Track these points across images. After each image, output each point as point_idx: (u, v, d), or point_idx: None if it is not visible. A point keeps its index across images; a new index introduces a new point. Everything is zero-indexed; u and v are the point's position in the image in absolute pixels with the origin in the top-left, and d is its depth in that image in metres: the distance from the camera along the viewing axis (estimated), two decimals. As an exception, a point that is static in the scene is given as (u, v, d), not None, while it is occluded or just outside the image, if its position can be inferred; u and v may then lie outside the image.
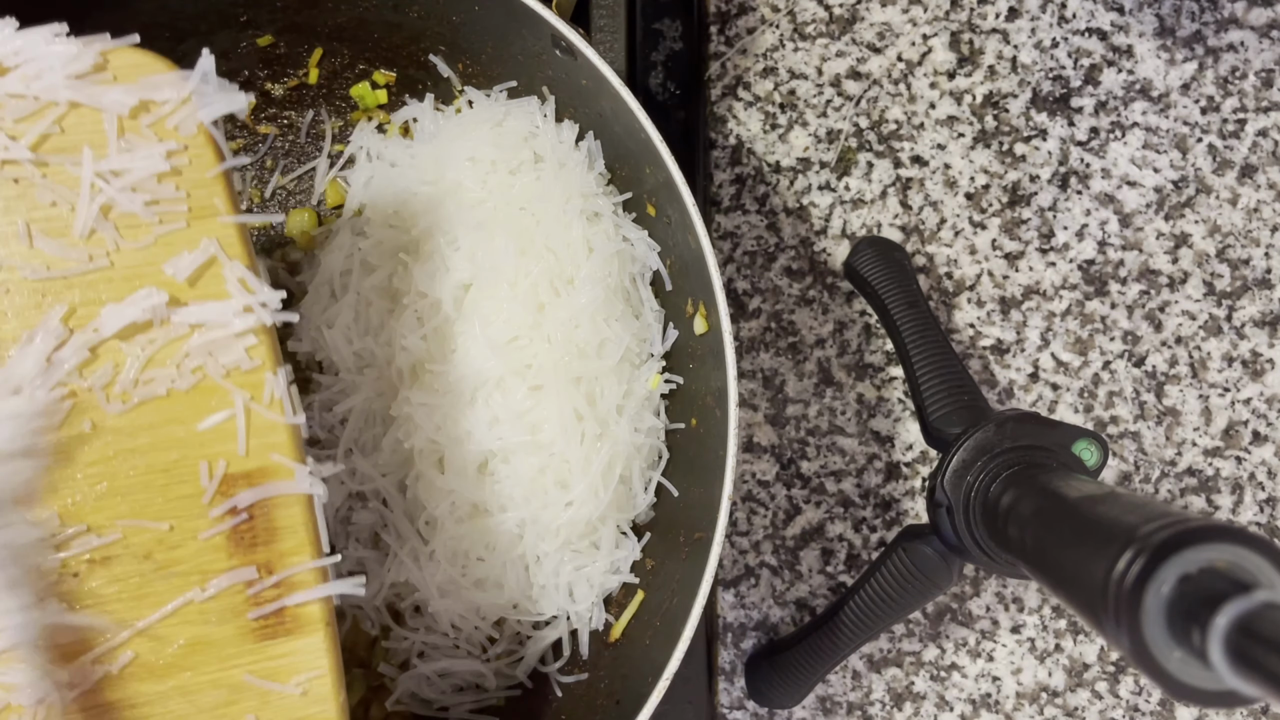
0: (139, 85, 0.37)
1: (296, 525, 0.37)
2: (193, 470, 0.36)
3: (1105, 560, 0.29)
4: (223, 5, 0.53)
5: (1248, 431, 0.59)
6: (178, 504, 0.36)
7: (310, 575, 0.37)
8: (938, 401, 0.51)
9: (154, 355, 0.36)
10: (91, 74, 0.36)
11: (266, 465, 0.37)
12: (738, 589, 0.60)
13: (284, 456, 0.37)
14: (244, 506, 0.36)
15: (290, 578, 0.36)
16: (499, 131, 0.51)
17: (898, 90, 0.61)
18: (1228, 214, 0.60)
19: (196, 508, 0.36)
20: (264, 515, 0.37)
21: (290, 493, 0.37)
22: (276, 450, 0.37)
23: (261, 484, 0.37)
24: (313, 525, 0.37)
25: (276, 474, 0.37)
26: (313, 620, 0.37)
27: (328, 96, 0.56)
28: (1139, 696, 0.58)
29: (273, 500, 0.37)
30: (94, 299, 0.36)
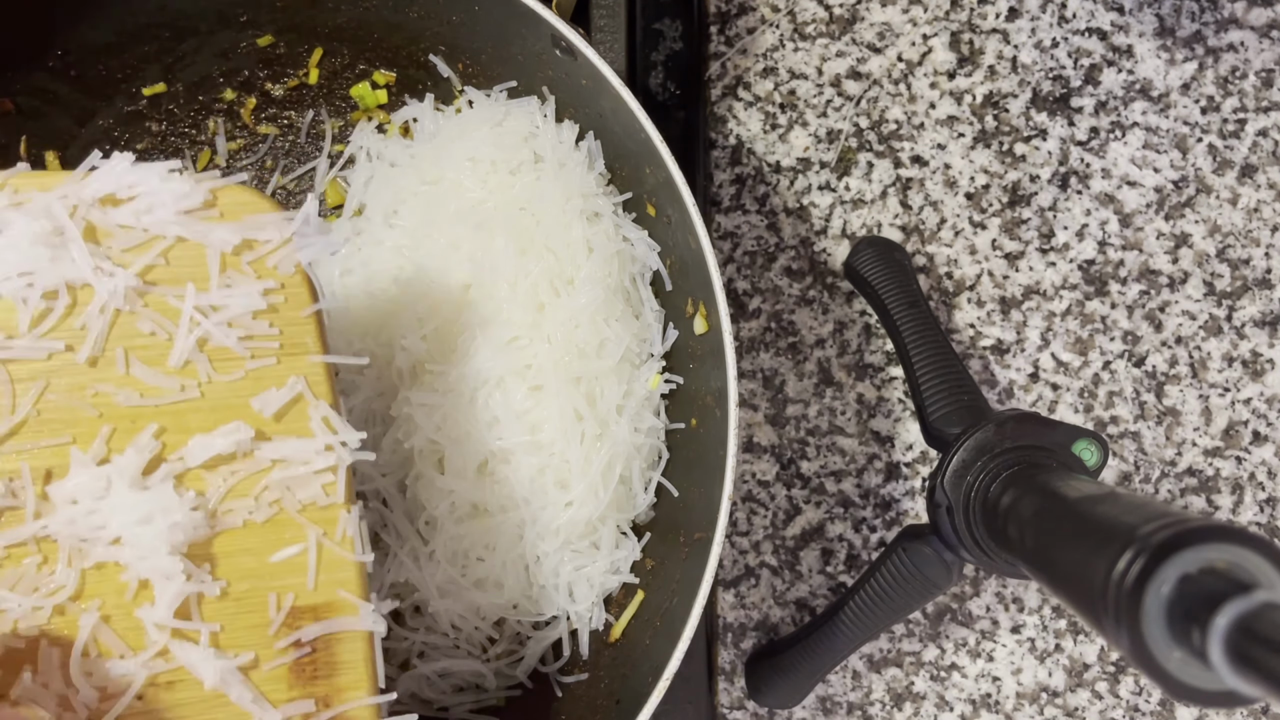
0: (243, 224, 0.38)
1: (357, 661, 0.37)
2: (261, 600, 0.37)
3: (1105, 560, 0.29)
4: (223, 5, 0.53)
5: (1248, 431, 0.59)
6: (244, 633, 0.37)
7: (366, 712, 0.37)
8: (938, 401, 0.51)
9: (234, 486, 0.37)
10: (200, 210, 0.37)
11: (333, 600, 0.37)
12: (738, 589, 0.59)
13: (350, 593, 0.38)
14: (308, 640, 0.37)
15: (346, 713, 0.37)
16: (499, 131, 0.51)
17: (898, 90, 0.61)
18: (1228, 214, 0.60)
19: (262, 638, 0.37)
20: (326, 649, 0.37)
21: (354, 629, 0.37)
22: (343, 586, 0.38)
23: (327, 619, 0.37)
24: (372, 661, 0.38)
25: (342, 610, 0.37)
26: None
27: (328, 96, 0.56)
28: (1139, 696, 0.58)
29: (335, 635, 0.37)
30: (183, 427, 0.37)
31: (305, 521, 0.37)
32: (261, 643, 0.37)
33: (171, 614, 0.35)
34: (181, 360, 0.37)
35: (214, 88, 0.55)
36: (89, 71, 0.53)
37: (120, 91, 0.54)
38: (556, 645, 0.51)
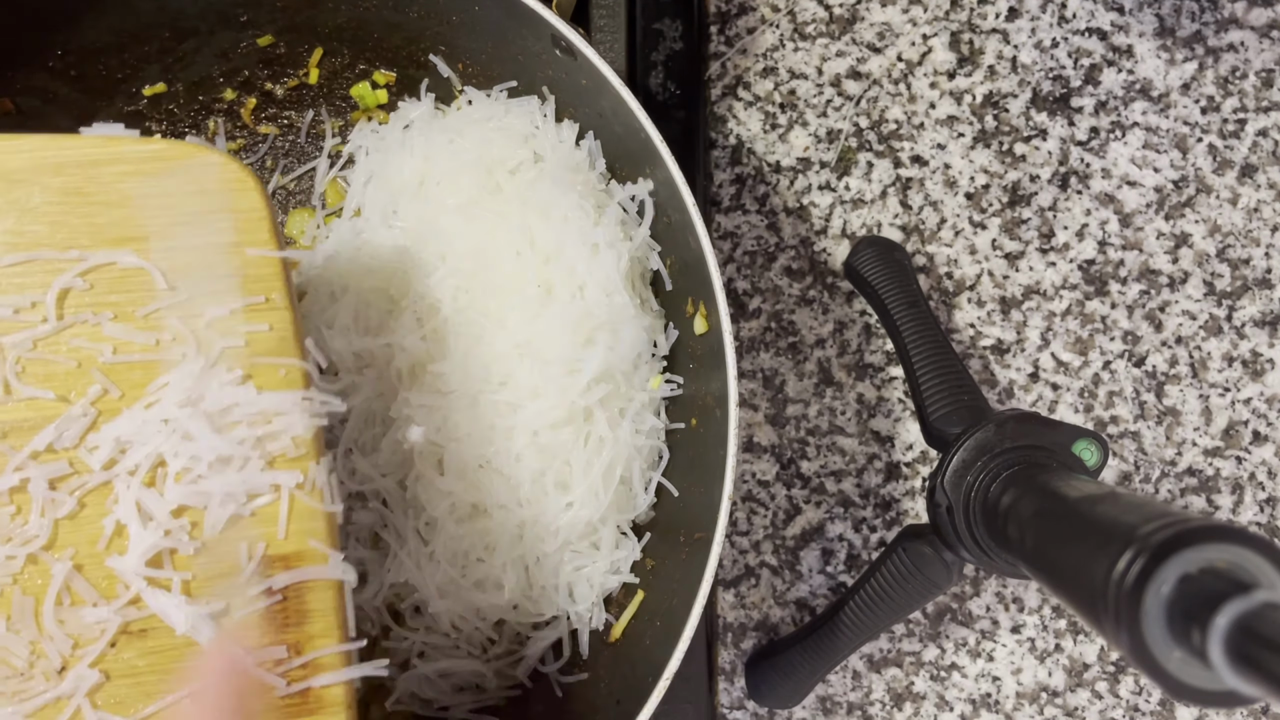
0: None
1: (327, 609, 0.38)
2: (232, 550, 0.37)
3: (1105, 560, 0.29)
4: (223, 5, 0.53)
5: (1248, 431, 0.59)
6: (216, 582, 0.37)
7: (336, 658, 0.38)
8: (938, 401, 0.51)
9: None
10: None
11: (304, 550, 0.38)
12: (738, 589, 0.59)
13: (320, 543, 0.38)
14: (279, 588, 0.37)
15: (317, 659, 0.37)
16: (499, 131, 0.51)
17: (898, 90, 0.61)
18: (1228, 214, 0.60)
19: (233, 586, 0.37)
20: (297, 598, 0.38)
21: (324, 578, 0.38)
22: (314, 536, 0.38)
23: (297, 567, 0.38)
24: (342, 610, 0.38)
25: (312, 559, 0.38)
26: (335, 702, 0.37)
27: (328, 96, 0.56)
28: (1139, 696, 0.58)
29: (306, 584, 0.38)
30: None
31: (279, 472, 0.38)
32: (233, 591, 0.37)
33: (143, 563, 0.36)
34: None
35: (214, 88, 0.55)
36: (89, 71, 0.53)
37: (120, 91, 0.54)
38: (556, 645, 0.51)
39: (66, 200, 0.38)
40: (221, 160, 0.39)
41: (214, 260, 0.38)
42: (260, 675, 0.36)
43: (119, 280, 0.38)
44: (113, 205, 0.38)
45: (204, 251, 0.38)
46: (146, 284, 0.38)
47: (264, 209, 0.39)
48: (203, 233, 0.39)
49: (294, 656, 0.37)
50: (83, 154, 0.38)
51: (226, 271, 0.39)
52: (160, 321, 0.38)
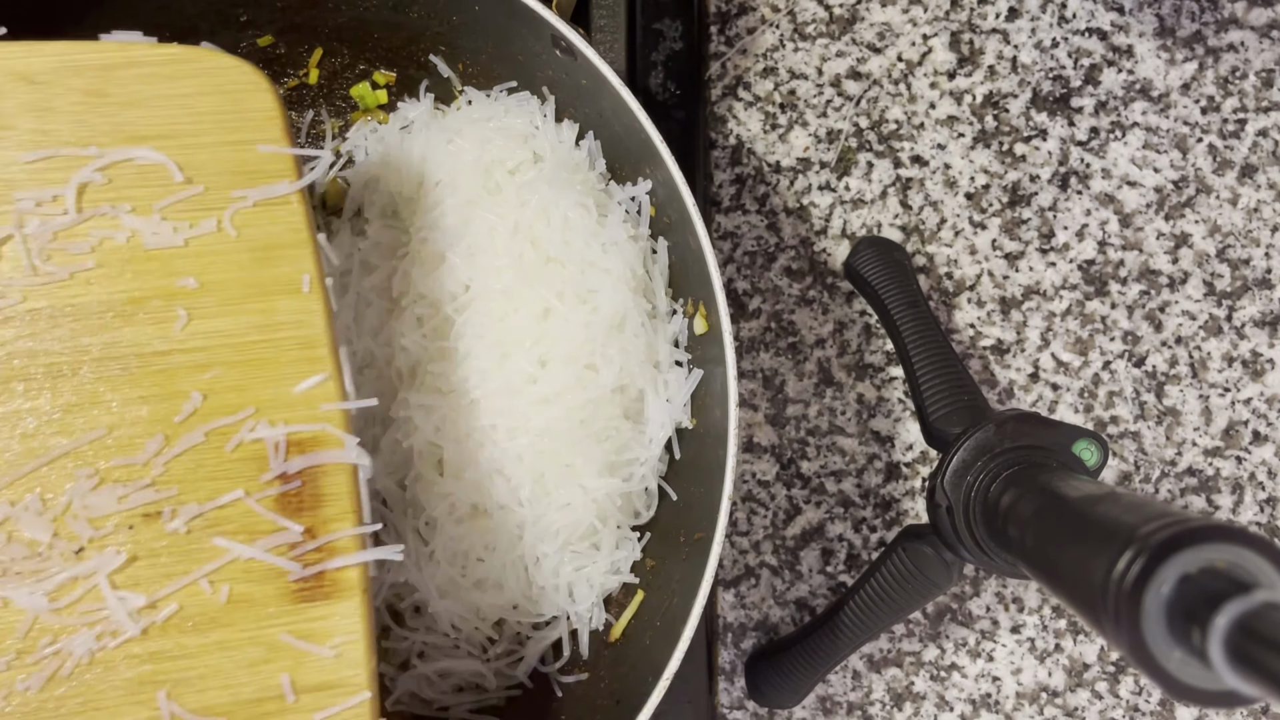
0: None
1: (341, 493, 0.38)
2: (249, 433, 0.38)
3: (1105, 560, 0.29)
4: (223, 5, 0.53)
5: (1248, 431, 0.59)
6: (231, 465, 0.38)
7: (351, 542, 0.38)
8: (938, 401, 0.51)
9: None
10: None
11: (319, 435, 0.39)
12: (738, 589, 0.60)
13: (337, 428, 0.39)
14: (294, 472, 0.38)
15: (332, 543, 0.38)
16: (498, 131, 0.51)
17: (898, 90, 0.61)
18: (1228, 214, 0.60)
19: (249, 470, 0.38)
20: (312, 482, 0.38)
21: (338, 462, 0.39)
22: (329, 422, 0.39)
23: (313, 451, 0.38)
24: (356, 495, 0.39)
25: (328, 444, 0.39)
26: (350, 585, 0.38)
27: (328, 96, 0.56)
28: (1139, 696, 0.58)
29: (321, 468, 0.38)
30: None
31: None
32: (248, 474, 0.38)
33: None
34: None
35: (214, 88, 0.55)
36: (89, 71, 0.53)
37: (120, 91, 0.54)
38: (556, 645, 0.51)
39: (86, 100, 0.39)
40: (235, 63, 0.41)
41: (229, 157, 0.40)
42: (275, 560, 0.37)
43: (137, 175, 0.39)
44: (131, 105, 0.39)
45: (219, 149, 0.40)
46: (164, 178, 0.39)
47: (276, 108, 0.41)
48: (217, 131, 0.40)
49: (309, 540, 0.38)
50: (103, 57, 0.40)
51: (241, 168, 0.40)
52: (176, 213, 0.39)
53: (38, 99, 0.39)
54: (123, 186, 0.39)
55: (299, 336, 0.39)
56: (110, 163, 0.39)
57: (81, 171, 0.38)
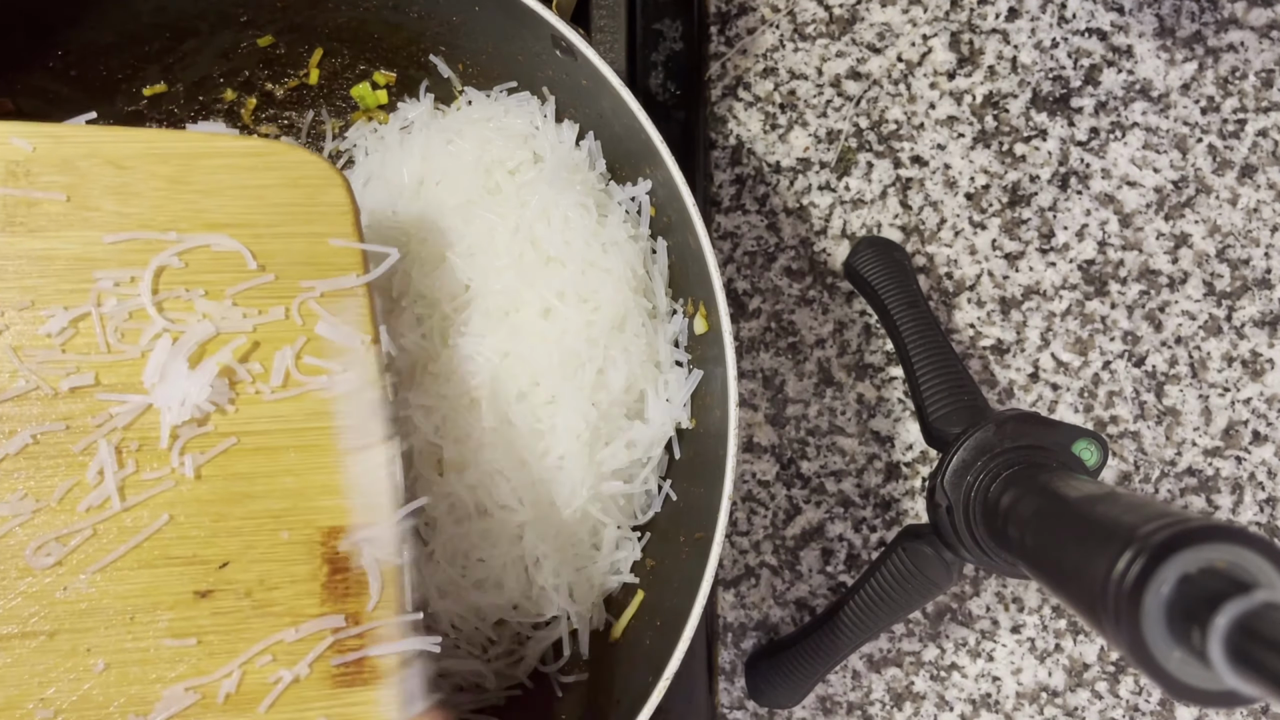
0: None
1: (385, 581, 0.39)
2: (300, 519, 0.39)
3: (1105, 560, 0.29)
4: (223, 5, 0.53)
5: (1248, 431, 0.59)
6: (282, 549, 0.39)
7: (392, 630, 0.39)
8: (938, 401, 0.51)
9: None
10: None
11: (365, 523, 0.40)
12: (738, 589, 0.60)
13: (385, 523, 0.40)
14: (342, 556, 0.39)
15: (374, 630, 0.39)
16: (498, 131, 0.51)
17: (898, 90, 0.61)
18: (1228, 214, 0.60)
19: (297, 554, 0.39)
20: (356, 569, 0.39)
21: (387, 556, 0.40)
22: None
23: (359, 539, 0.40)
24: (399, 583, 0.40)
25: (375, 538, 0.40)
26: (389, 673, 0.39)
27: (328, 97, 0.56)
28: (1139, 696, 0.58)
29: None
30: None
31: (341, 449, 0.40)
32: (296, 558, 0.39)
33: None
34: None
35: (214, 88, 0.55)
36: (89, 71, 0.53)
37: (120, 91, 0.54)
38: (556, 645, 0.51)
39: (168, 187, 0.40)
40: (311, 159, 0.42)
41: (300, 248, 0.41)
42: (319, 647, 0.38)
43: (212, 261, 0.40)
44: (210, 193, 0.41)
45: (291, 240, 0.41)
46: (237, 265, 0.40)
47: (348, 204, 0.42)
48: (291, 223, 0.41)
49: (352, 626, 0.38)
50: (187, 146, 0.41)
51: (311, 259, 0.41)
52: (247, 300, 0.40)
53: (123, 182, 0.40)
54: (198, 271, 0.40)
55: (355, 426, 0.40)
56: (188, 248, 0.40)
57: (160, 255, 0.39)
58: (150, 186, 0.40)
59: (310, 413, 0.40)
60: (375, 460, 0.40)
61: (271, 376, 0.40)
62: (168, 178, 0.40)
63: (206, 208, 0.41)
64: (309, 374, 0.40)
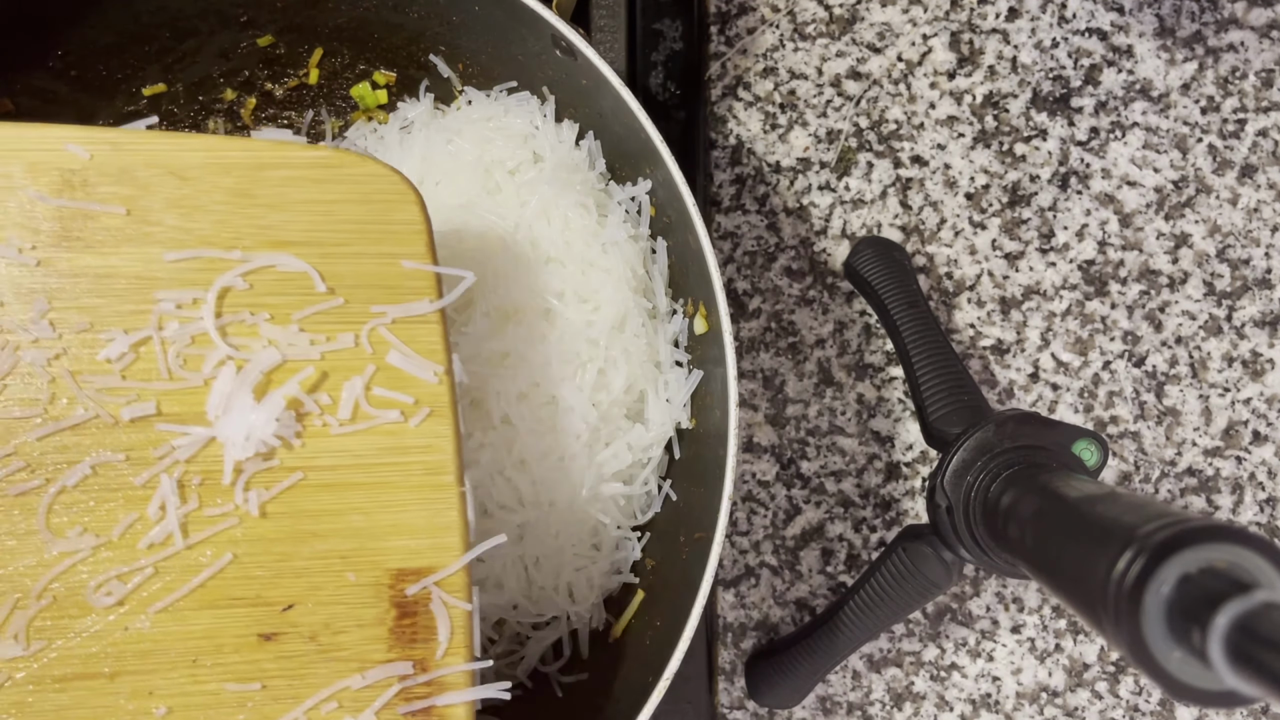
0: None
1: (455, 626, 0.38)
2: (367, 561, 0.37)
3: (1105, 560, 0.29)
4: (223, 5, 0.53)
5: (1248, 431, 0.59)
6: (348, 591, 0.37)
7: (460, 677, 0.37)
8: (938, 401, 0.51)
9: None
10: None
11: (435, 565, 0.38)
12: (738, 589, 0.60)
13: (458, 566, 0.38)
14: (411, 600, 0.38)
15: (442, 677, 0.37)
16: (498, 131, 0.51)
17: (898, 90, 0.61)
18: (1228, 214, 0.60)
19: (364, 597, 0.37)
20: (425, 613, 0.38)
21: (457, 601, 0.38)
22: (451, 555, 0.38)
23: (428, 576, 0.38)
24: (469, 629, 0.38)
25: (446, 583, 0.38)
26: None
27: (328, 96, 0.56)
28: (1139, 696, 0.58)
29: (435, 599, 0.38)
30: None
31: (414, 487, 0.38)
32: (363, 602, 0.37)
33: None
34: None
35: (214, 88, 0.55)
36: (89, 71, 0.53)
37: (120, 91, 0.54)
38: (556, 645, 0.51)
39: (232, 200, 0.38)
40: (384, 171, 0.39)
41: (371, 270, 0.39)
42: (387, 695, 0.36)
43: (277, 282, 0.38)
44: (276, 208, 0.38)
45: (361, 260, 0.39)
46: (305, 287, 0.38)
47: (422, 222, 0.40)
48: (361, 242, 0.39)
49: (419, 673, 0.37)
50: (253, 156, 0.38)
51: (382, 282, 0.39)
52: (314, 325, 0.38)
53: (185, 194, 0.38)
54: (263, 293, 0.38)
55: (426, 462, 0.38)
56: (254, 268, 0.38)
57: (225, 276, 0.37)
58: (213, 199, 0.38)
59: (380, 448, 0.38)
60: (447, 499, 0.38)
61: (340, 408, 0.38)
62: (231, 190, 0.38)
63: (272, 224, 0.38)
64: (379, 407, 0.38)
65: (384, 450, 0.38)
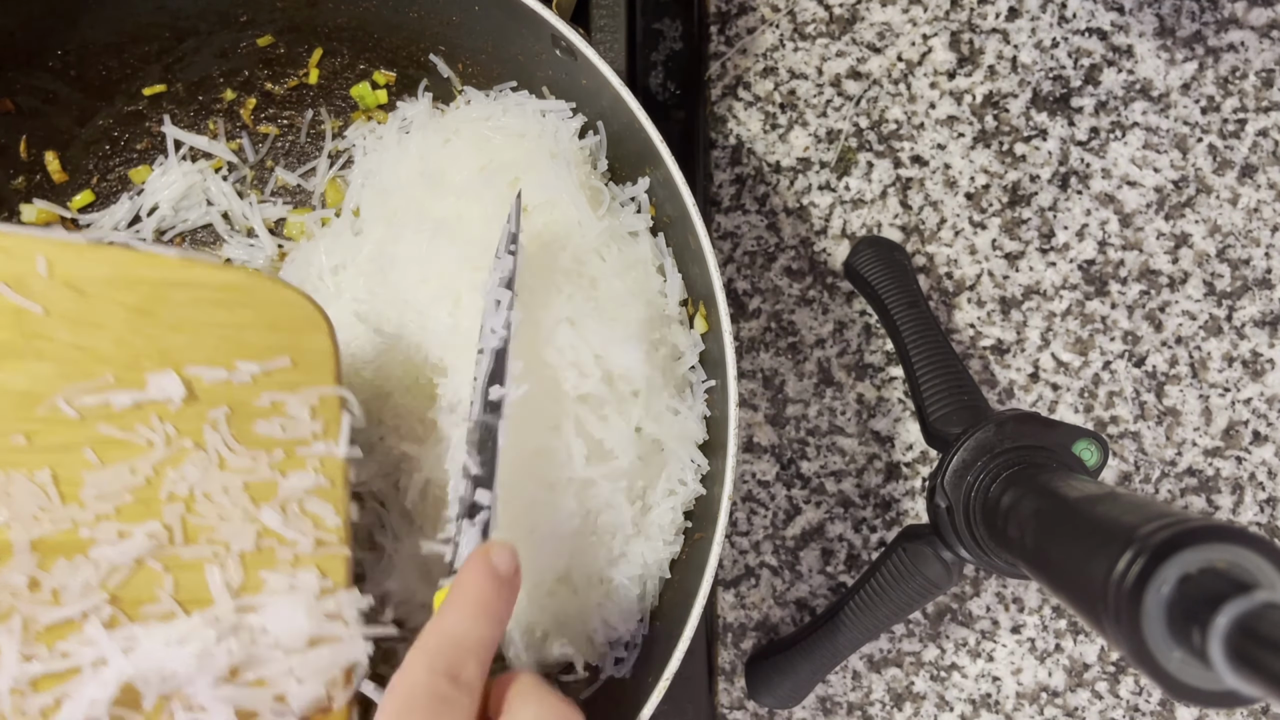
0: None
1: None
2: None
3: (1105, 560, 0.29)
4: (223, 5, 0.53)
5: (1248, 431, 0.59)
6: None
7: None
8: (938, 401, 0.51)
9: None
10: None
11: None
12: (738, 589, 0.59)
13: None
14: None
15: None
16: (497, 130, 0.51)
17: (898, 90, 0.61)
18: (1228, 214, 0.60)
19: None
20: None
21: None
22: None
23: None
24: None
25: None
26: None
27: (328, 96, 0.56)
28: (1139, 696, 0.58)
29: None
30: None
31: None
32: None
33: None
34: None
35: (214, 88, 0.55)
36: (89, 71, 0.53)
37: (120, 91, 0.54)
38: (556, 645, 0.51)
39: (134, 319, 0.37)
40: (295, 298, 0.39)
41: (267, 397, 0.38)
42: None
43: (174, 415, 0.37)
44: (179, 329, 0.37)
45: (260, 388, 0.38)
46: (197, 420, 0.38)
47: (330, 350, 0.39)
48: (262, 367, 0.38)
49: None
50: (162, 274, 0.37)
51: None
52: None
53: (83, 310, 0.36)
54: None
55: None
56: (145, 400, 0.36)
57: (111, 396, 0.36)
58: (110, 317, 0.36)
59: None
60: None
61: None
62: (133, 308, 0.36)
63: (172, 345, 0.37)
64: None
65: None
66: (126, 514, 0.36)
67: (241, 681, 0.36)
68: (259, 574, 0.37)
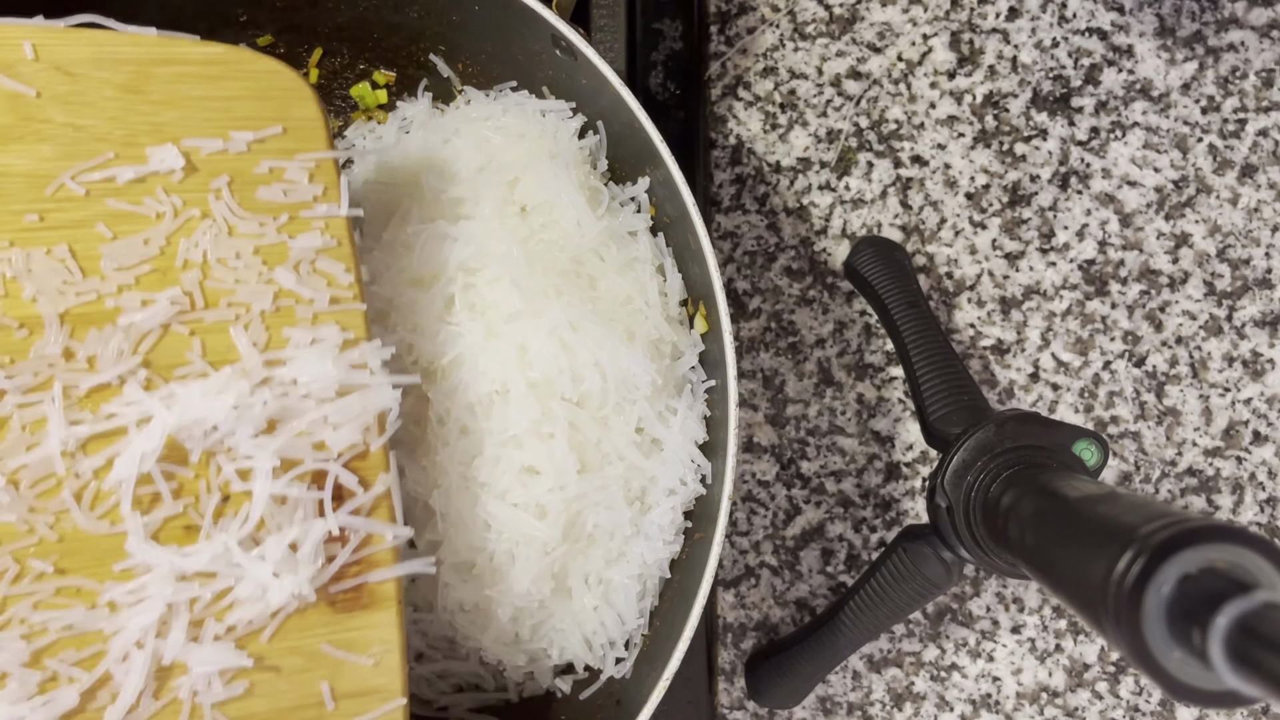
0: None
1: (379, 505, 0.38)
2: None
3: (1105, 560, 0.29)
4: (223, 5, 0.53)
5: (1248, 431, 0.59)
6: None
7: (387, 554, 0.38)
8: (938, 401, 0.51)
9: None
10: None
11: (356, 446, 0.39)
12: (738, 589, 0.59)
13: (377, 449, 0.39)
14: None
15: (370, 556, 0.38)
16: (497, 130, 0.51)
17: (898, 90, 0.61)
18: (1228, 214, 0.60)
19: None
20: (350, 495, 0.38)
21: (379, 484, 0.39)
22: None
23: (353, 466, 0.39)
24: (391, 506, 0.39)
25: (364, 467, 0.39)
26: (387, 597, 0.38)
27: (328, 96, 0.56)
28: (1139, 696, 0.58)
29: (359, 481, 0.38)
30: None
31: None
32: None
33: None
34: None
35: (214, 88, 0.55)
36: (89, 71, 0.53)
37: (120, 91, 0.54)
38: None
39: (124, 98, 0.37)
40: (279, 68, 0.39)
41: (269, 166, 0.39)
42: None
43: (177, 185, 0.38)
44: (169, 105, 0.38)
45: (258, 157, 0.39)
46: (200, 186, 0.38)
47: (319, 116, 0.40)
48: (256, 136, 0.39)
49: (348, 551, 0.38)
50: (144, 52, 0.38)
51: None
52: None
53: (74, 90, 0.37)
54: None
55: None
56: (147, 174, 0.37)
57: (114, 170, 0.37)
58: (102, 96, 0.37)
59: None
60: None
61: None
62: (122, 87, 0.37)
63: (166, 121, 0.38)
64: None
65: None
66: (146, 283, 0.37)
67: (280, 433, 0.37)
68: (281, 332, 0.38)
